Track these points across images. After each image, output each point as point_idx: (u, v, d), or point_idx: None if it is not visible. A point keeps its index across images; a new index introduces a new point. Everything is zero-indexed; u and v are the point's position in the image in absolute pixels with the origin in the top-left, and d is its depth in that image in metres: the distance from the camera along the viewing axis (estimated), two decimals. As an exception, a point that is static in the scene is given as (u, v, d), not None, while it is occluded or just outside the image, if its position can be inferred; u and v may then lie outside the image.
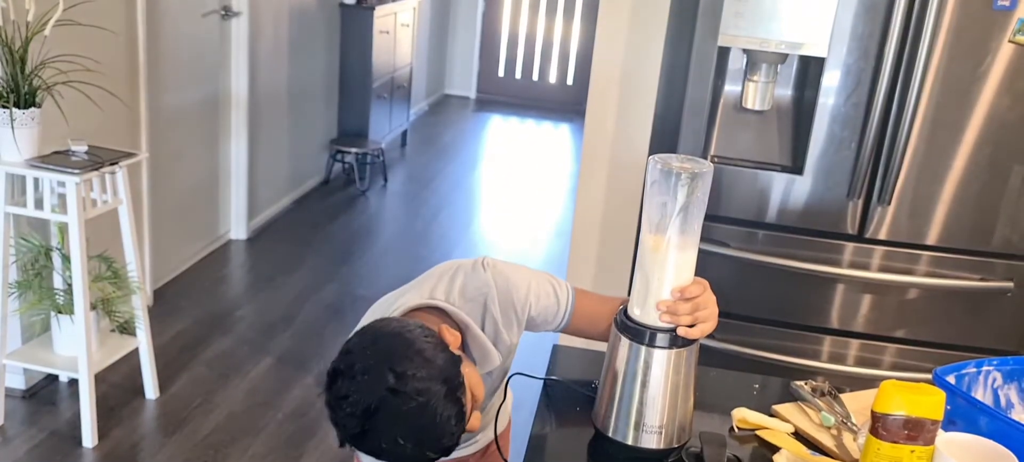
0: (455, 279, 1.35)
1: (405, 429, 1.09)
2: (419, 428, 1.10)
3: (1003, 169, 2.27)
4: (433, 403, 1.09)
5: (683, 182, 1.18)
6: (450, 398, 1.11)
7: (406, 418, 1.09)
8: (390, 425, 1.09)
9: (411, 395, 1.08)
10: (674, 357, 1.24)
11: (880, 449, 1.18)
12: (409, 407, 1.08)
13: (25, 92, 2.52)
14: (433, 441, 1.11)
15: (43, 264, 2.77)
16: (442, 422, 1.10)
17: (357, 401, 1.09)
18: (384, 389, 1.08)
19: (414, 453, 1.11)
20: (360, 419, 1.09)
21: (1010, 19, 2.16)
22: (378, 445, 1.11)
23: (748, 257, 2.36)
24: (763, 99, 2.32)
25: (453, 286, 1.34)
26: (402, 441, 1.10)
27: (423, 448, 1.11)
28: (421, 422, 1.09)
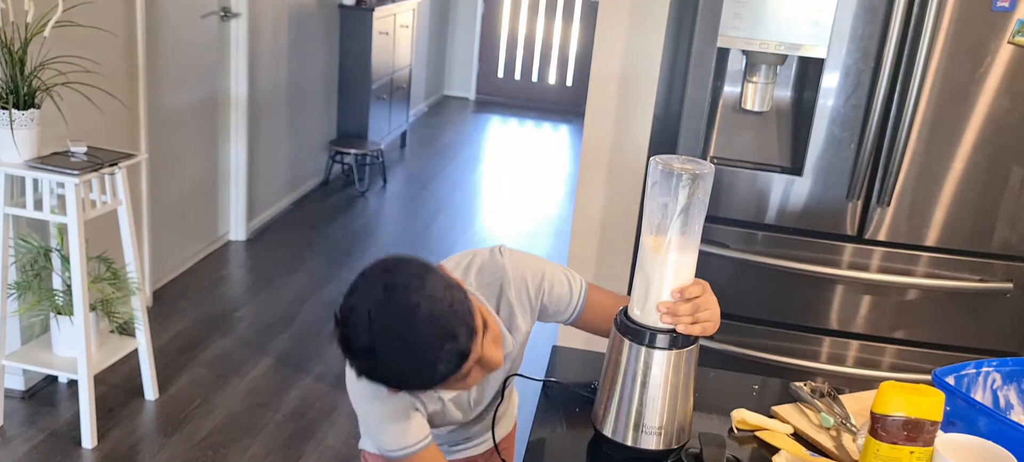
0: (472, 264, 1.38)
1: (415, 335, 1.13)
2: (430, 332, 1.13)
3: (1002, 170, 2.27)
4: (441, 306, 1.14)
5: (684, 183, 1.18)
6: (461, 309, 1.15)
7: (414, 319, 1.12)
8: (399, 329, 1.13)
9: (415, 289, 1.13)
10: (674, 358, 1.24)
11: (879, 450, 1.18)
12: (416, 303, 1.12)
13: (24, 93, 2.52)
14: (448, 344, 1.14)
15: (42, 265, 2.77)
16: (455, 323, 1.14)
17: (363, 304, 1.14)
18: (383, 289, 1.14)
19: (428, 361, 1.14)
20: (367, 327, 1.13)
21: (1009, 20, 2.16)
22: (392, 359, 1.14)
23: (747, 258, 2.36)
24: (762, 100, 2.32)
25: (470, 269, 1.38)
26: (414, 349, 1.13)
27: (437, 357, 1.14)
28: (431, 325, 1.13)
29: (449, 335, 1.14)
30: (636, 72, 2.77)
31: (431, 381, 1.18)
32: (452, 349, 1.15)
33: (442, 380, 1.18)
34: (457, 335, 1.15)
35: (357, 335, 1.15)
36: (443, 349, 1.14)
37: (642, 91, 2.77)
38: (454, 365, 1.16)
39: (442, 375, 1.17)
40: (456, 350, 1.16)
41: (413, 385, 1.22)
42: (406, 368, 1.16)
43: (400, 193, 5.64)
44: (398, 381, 1.20)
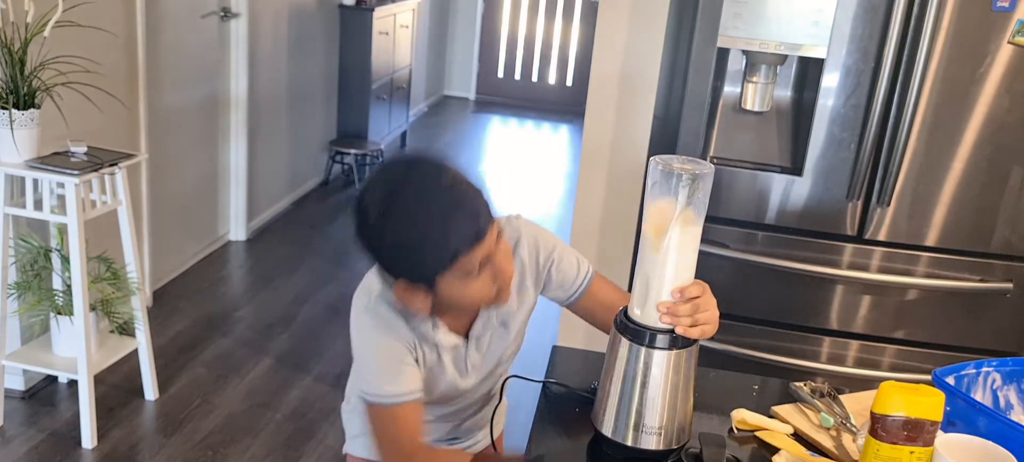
0: None
1: (433, 195, 1.17)
2: (449, 197, 1.17)
3: (1002, 170, 2.27)
4: (463, 182, 1.19)
5: (684, 183, 1.18)
6: (483, 195, 1.20)
7: (436, 182, 1.18)
8: (419, 187, 1.17)
9: (441, 163, 1.20)
10: (674, 358, 1.24)
11: (879, 450, 1.18)
12: (439, 170, 1.19)
13: (24, 93, 2.52)
14: (465, 215, 1.17)
15: (42, 265, 2.77)
16: (475, 198, 1.19)
17: (385, 170, 1.21)
18: (408, 159, 1.23)
19: (443, 227, 1.17)
20: (385, 183, 1.19)
21: (1009, 20, 2.16)
22: (406, 216, 1.17)
23: (747, 258, 2.37)
24: (762, 100, 2.33)
25: None
26: (430, 210, 1.16)
27: (452, 225, 1.17)
28: (452, 190, 1.18)
29: (468, 206, 1.17)
30: (636, 72, 2.77)
31: (443, 252, 1.18)
32: (469, 222, 1.17)
33: (453, 257, 1.18)
34: (476, 209, 1.18)
35: (374, 191, 1.19)
36: (460, 217, 1.16)
37: (642, 91, 2.77)
38: (468, 241, 1.17)
39: (454, 250, 1.17)
40: (473, 224, 1.17)
41: (422, 256, 1.20)
42: (419, 231, 1.17)
43: (400, 193, 5.63)
44: (408, 249, 1.19)
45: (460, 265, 1.20)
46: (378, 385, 1.31)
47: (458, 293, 1.25)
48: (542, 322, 3.28)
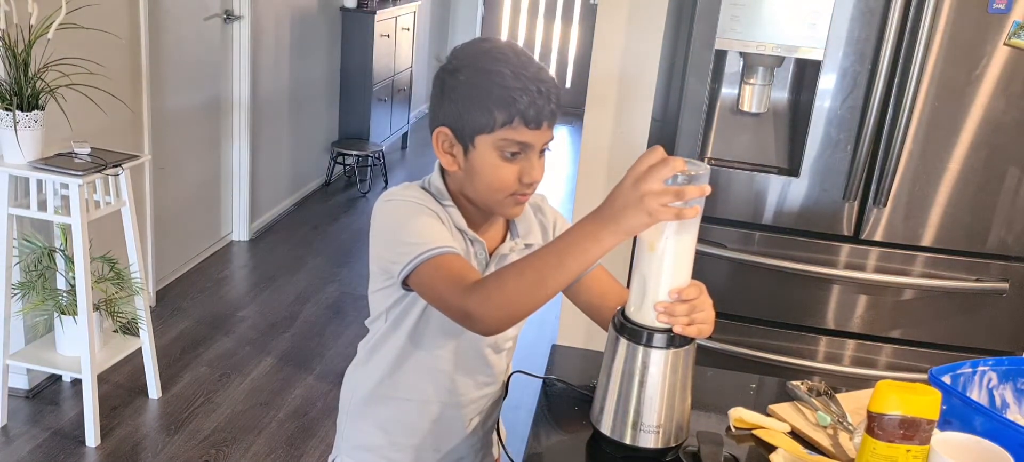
0: None
1: (518, 65, 1.26)
2: (528, 73, 1.26)
3: (998, 171, 2.28)
4: (546, 72, 1.29)
5: (681, 184, 1.19)
6: (558, 91, 1.30)
7: (525, 58, 1.28)
8: (511, 53, 1.27)
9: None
10: (671, 357, 1.25)
11: (876, 449, 1.18)
12: (525, 52, 1.30)
13: (28, 94, 2.54)
14: (535, 73, 1.26)
15: (46, 265, 2.78)
16: (549, 87, 1.27)
17: (486, 38, 1.35)
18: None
19: (511, 69, 1.25)
20: (484, 41, 1.31)
21: (1005, 22, 2.17)
22: (483, 52, 1.28)
23: (745, 258, 2.38)
24: (760, 102, 2.34)
25: None
26: (504, 53, 1.26)
27: (521, 74, 1.25)
28: (532, 70, 1.26)
29: (545, 91, 1.25)
30: (635, 74, 2.78)
31: (499, 111, 1.25)
32: (538, 102, 1.25)
33: (505, 121, 1.25)
34: (550, 101, 1.26)
35: (477, 39, 1.33)
36: (532, 94, 1.24)
37: (641, 92, 2.78)
38: (526, 117, 1.25)
39: (510, 115, 1.25)
40: (538, 108, 1.25)
41: (480, 106, 1.26)
42: (492, 81, 1.24)
43: (401, 194, 5.64)
44: (472, 93, 1.26)
45: (506, 135, 1.26)
46: (416, 241, 1.26)
47: (485, 166, 1.29)
48: (542, 321, 3.29)
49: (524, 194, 1.32)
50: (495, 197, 1.32)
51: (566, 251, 1.16)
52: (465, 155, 1.31)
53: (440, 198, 1.36)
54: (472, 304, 1.19)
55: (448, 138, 1.32)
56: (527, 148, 1.28)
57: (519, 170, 1.29)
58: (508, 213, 1.36)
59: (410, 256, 1.26)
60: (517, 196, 1.32)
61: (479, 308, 1.18)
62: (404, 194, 1.35)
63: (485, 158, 1.29)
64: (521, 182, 1.30)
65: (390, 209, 1.34)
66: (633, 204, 1.11)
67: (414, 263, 1.25)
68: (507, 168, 1.29)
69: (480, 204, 1.35)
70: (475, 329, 1.22)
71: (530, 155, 1.29)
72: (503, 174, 1.29)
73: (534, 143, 1.28)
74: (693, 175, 1.19)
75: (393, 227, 1.32)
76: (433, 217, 1.32)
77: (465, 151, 1.30)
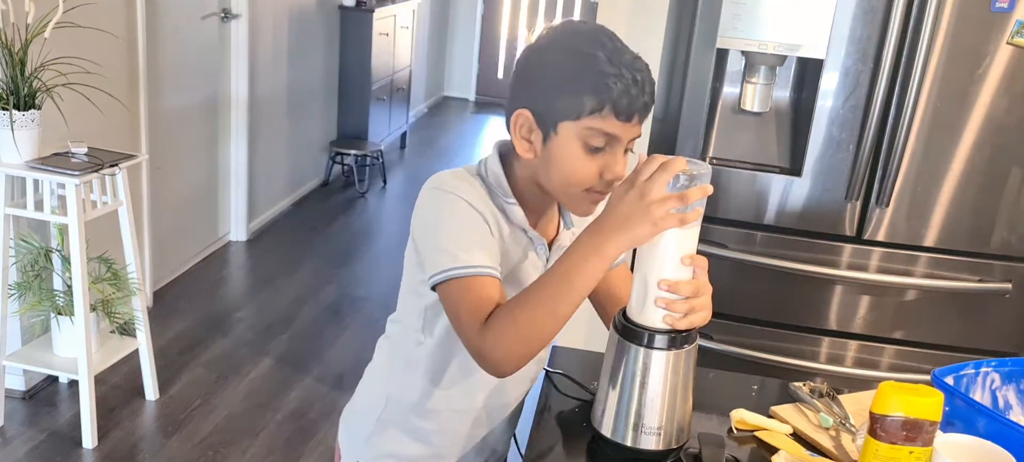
0: None
1: (615, 51, 1.17)
2: (625, 61, 1.17)
3: (1001, 171, 2.27)
4: (643, 63, 1.19)
5: (682, 184, 1.18)
6: (652, 85, 1.20)
7: (622, 47, 1.18)
8: (608, 38, 1.18)
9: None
10: (673, 358, 1.24)
11: (878, 450, 1.18)
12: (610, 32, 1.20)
13: (25, 94, 2.53)
14: (634, 79, 1.16)
15: (43, 265, 2.77)
16: (646, 78, 1.18)
17: (581, 21, 1.25)
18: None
19: (606, 50, 1.16)
20: (577, 23, 1.22)
21: (1008, 21, 2.16)
22: (585, 47, 1.17)
23: (746, 258, 2.37)
24: (762, 101, 2.33)
25: None
26: (607, 58, 1.16)
27: (616, 78, 1.15)
28: (629, 59, 1.17)
29: (641, 82, 1.16)
30: (636, 73, 2.77)
31: (591, 96, 1.15)
32: (632, 94, 1.16)
33: (596, 109, 1.16)
34: (644, 92, 1.17)
35: (567, 22, 1.23)
36: (628, 82, 1.15)
37: (642, 92, 2.77)
38: (618, 107, 1.15)
39: (601, 102, 1.15)
40: (633, 99, 1.16)
41: (569, 88, 1.17)
42: (585, 64, 1.15)
43: (400, 194, 5.64)
44: (562, 74, 1.17)
45: (593, 124, 1.16)
46: (453, 251, 1.18)
47: (566, 156, 1.19)
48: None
49: (602, 192, 1.22)
50: (570, 191, 1.23)
51: (573, 271, 1.13)
52: (544, 142, 1.21)
53: (501, 193, 1.26)
54: (487, 344, 1.13)
55: (528, 122, 1.21)
56: (613, 142, 1.19)
57: (601, 165, 1.20)
58: (580, 211, 1.27)
59: (444, 267, 1.18)
60: (593, 194, 1.23)
61: (494, 350, 1.13)
62: (455, 184, 1.23)
63: (567, 147, 1.19)
64: (602, 178, 1.21)
65: (436, 200, 1.23)
66: (638, 214, 1.10)
67: (444, 276, 1.18)
68: (589, 161, 1.19)
69: (551, 195, 1.27)
70: (488, 370, 1.15)
71: (615, 150, 1.20)
72: (584, 167, 1.20)
73: (622, 137, 1.19)
74: (694, 175, 1.18)
75: (435, 223, 1.22)
76: (479, 221, 1.21)
77: (545, 138, 1.20)
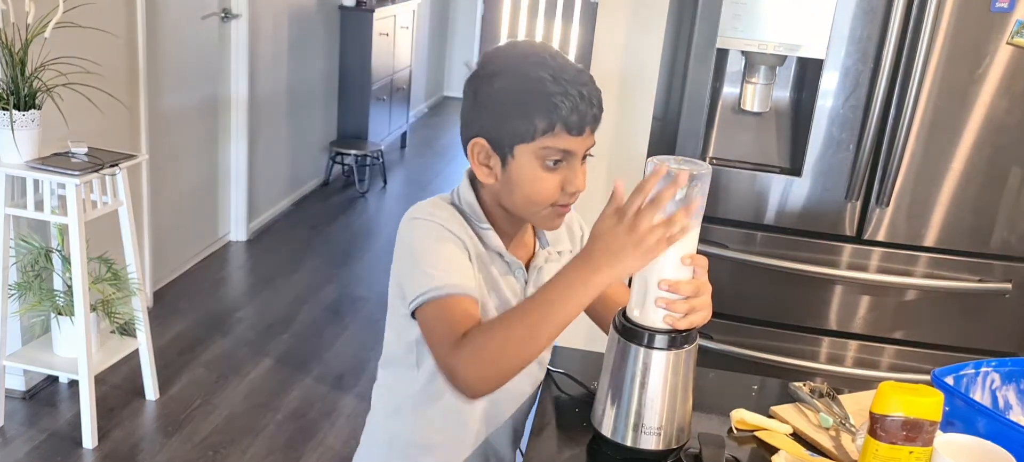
0: None
1: (557, 69, 1.20)
2: (562, 60, 1.21)
3: (1001, 171, 2.27)
4: (586, 74, 1.23)
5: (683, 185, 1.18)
6: (598, 93, 1.23)
7: (563, 62, 1.21)
8: (549, 56, 1.21)
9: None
10: (673, 358, 1.24)
11: (878, 450, 1.18)
12: (558, 54, 1.23)
13: (25, 94, 2.53)
14: (572, 77, 1.19)
15: (43, 265, 2.77)
16: (590, 89, 1.21)
17: (516, 42, 1.29)
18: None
19: (549, 71, 1.19)
20: (515, 46, 1.25)
21: (1008, 21, 2.16)
22: (517, 56, 1.22)
23: (746, 258, 2.37)
24: (762, 101, 2.33)
25: None
26: (542, 57, 1.20)
27: (557, 76, 1.19)
28: (571, 72, 1.20)
29: (586, 93, 1.19)
30: (635, 72, 2.77)
31: (540, 118, 1.18)
32: (580, 106, 1.18)
33: (546, 129, 1.19)
34: (591, 104, 1.20)
35: (506, 45, 1.26)
36: (574, 97, 1.18)
37: (641, 92, 2.78)
38: (568, 123, 1.18)
39: (551, 122, 1.18)
40: (581, 112, 1.18)
41: (519, 113, 1.20)
42: (531, 87, 1.18)
43: (400, 194, 5.64)
44: (510, 100, 1.20)
45: (547, 143, 1.20)
46: (428, 276, 1.20)
47: (525, 178, 1.23)
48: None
49: (566, 205, 1.26)
50: (535, 209, 1.26)
51: (557, 301, 1.13)
52: (503, 167, 1.24)
53: (475, 219, 1.30)
54: (460, 362, 1.13)
55: (484, 149, 1.25)
56: (569, 156, 1.22)
57: (561, 179, 1.24)
58: (548, 225, 1.31)
59: (425, 287, 1.20)
60: (558, 208, 1.26)
61: (466, 369, 1.12)
62: (431, 212, 1.28)
63: (525, 169, 1.23)
64: (564, 192, 1.24)
65: (415, 229, 1.27)
66: (628, 248, 1.12)
67: (423, 298, 1.19)
68: (549, 178, 1.23)
69: (518, 216, 1.30)
70: (458, 388, 1.14)
71: (573, 163, 1.24)
72: (544, 185, 1.23)
73: (576, 150, 1.22)
74: (695, 175, 1.18)
75: (416, 249, 1.25)
76: (458, 246, 1.25)
77: (503, 162, 1.24)
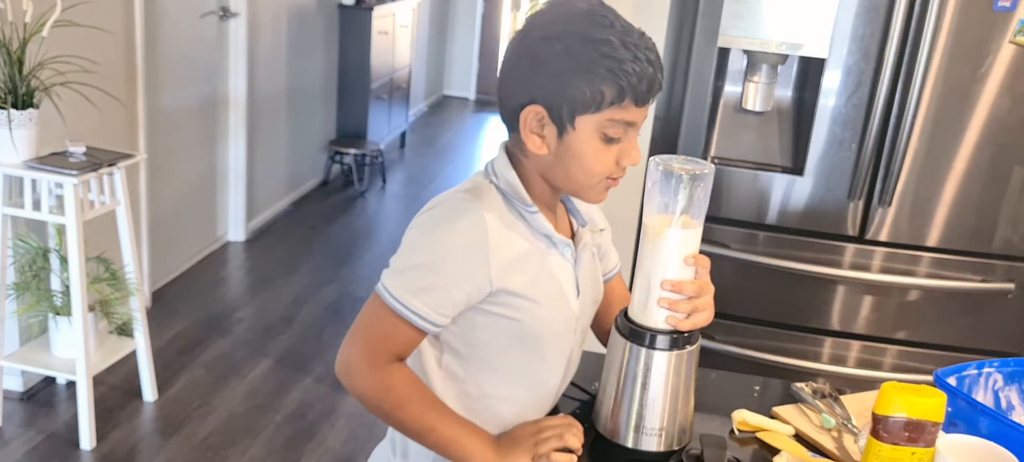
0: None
1: (625, 33, 1.12)
2: (637, 42, 1.12)
3: (1004, 170, 2.27)
4: (650, 42, 1.15)
5: (684, 184, 1.18)
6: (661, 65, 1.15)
7: (629, 26, 1.14)
8: (614, 18, 1.13)
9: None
10: (674, 359, 1.23)
11: (881, 451, 1.18)
12: (611, 10, 1.15)
13: (23, 93, 2.52)
14: (648, 61, 1.11)
15: (41, 266, 2.76)
16: (656, 60, 1.13)
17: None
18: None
19: (625, 56, 1.10)
20: (573, 4, 1.14)
21: (1011, 20, 2.16)
22: (594, 33, 1.11)
23: (749, 258, 2.36)
24: (763, 100, 2.32)
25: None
26: (620, 40, 1.10)
27: (631, 62, 1.10)
28: (640, 39, 1.13)
29: (655, 64, 1.12)
30: (636, 72, 2.76)
31: (608, 86, 1.09)
32: (649, 76, 1.10)
33: (615, 99, 1.10)
34: (657, 74, 1.12)
35: (562, 2, 1.15)
36: (643, 65, 1.10)
37: (642, 91, 2.77)
38: (636, 93, 1.10)
39: (620, 90, 1.09)
40: (649, 83, 1.11)
41: (585, 79, 1.10)
42: (598, 51, 1.09)
43: (400, 193, 5.64)
44: (575, 65, 1.10)
45: (614, 115, 1.12)
46: (406, 283, 1.14)
47: (585, 151, 1.14)
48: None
49: (617, 178, 1.19)
50: (588, 182, 1.18)
51: (449, 445, 1.19)
52: (558, 137, 1.14)
53: (519, 201, 1.19)
54: (360, 382, 1.18)
55: (540, 117, 1.14)
56: (630, 129, 1.15)
57: (618, 153, 1.16)
58: (595, 199, 1.21)
59: (395, 287, 1.14)
60: (609, 181, 1.19)
61: (357, 382, 1.18)
62: (463, 206, 1.16)
63: (586, 141, 1.13)
64: (618, 165, 1.17)
65: (428, 224, 1.17)
66: (522, 449, 1.20)
67: (381, 292, 1.15)
68: (607, 151, 1.15)
69: (565, 190, 1.22)
70: (342, 378, 1.20)
71: (631, 135, 1.16)
72: (603, 158, 1.15)
73: (638, 122, 1.15)
74: (698, 175, 1.18)
75: (416, 244, 1.17)
76: (461, 263, 1.14)
77: (559, 133, 1.14)
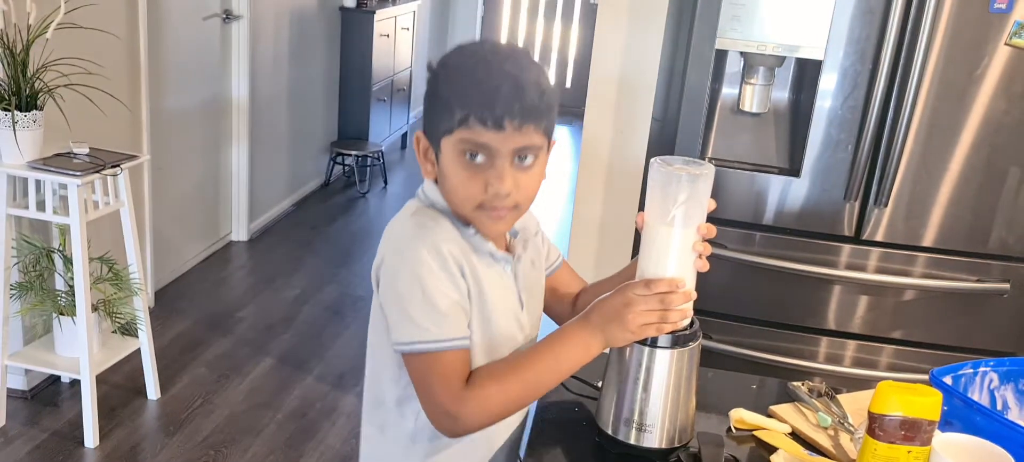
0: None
1: (483, 61, 1.15)
2: (492, 69, 1.13)
3: (999, 171, 2.28)
4: (524, 64, 1.15)
5: (684, 184, 1.19)
6: (543, 91, 1.15)
7: (490, 54, 1.16)
8: (477, 51, 1.17)
9: (516, 46, 1.21)
10: (675, 358, 1.25)
11: (877, 450, 1.18)
12: (505, 46, 1.19)
13: (27, 94, 2.53)
14: (502, 85, 1.12)
15: (45, 266, 2.78)
16: (518, 83, 1.12)
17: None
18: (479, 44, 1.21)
19: (501, 62, 1.14)
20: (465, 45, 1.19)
21: (1006, 22, 2.17)
22: (459, 66, 1.16)
23: (745, 259, 2.37)
24: (760, 102, 2.33)
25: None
26: (474, 69, 1.14)
27: (509, 68, 1.13)
28: (498, 64, 1.14)
29: (513, 87, 1.11)
30: (635, 74, 2.78)
31: (457, 109, 1.12)
32: (499, 100, 1.11)
33: (460, 121, 1.12)
34: (518, 100, 1.11)
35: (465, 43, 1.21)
36: (493, 89, 1.11)
37: (641, 93, 2.78)
38: (482, 115, 1.11)
39: (464, 114, 1.12)
40: (499, 106, 1.11)
41: (443, 106, 1.15)
42: (456, 81, 1.14)
43: (401, 194, 5.64)
44: (438, 94, 1.15)
45: (462, 136, 1.13)
46: (423, 324, 1.15)
47: (450, 173, 1.17)
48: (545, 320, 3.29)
49: (494, 207, 1.16)
50: (466, 208, 1.18)
51: (562, 357, 1.19)
52: (437, 160, 1.20)
53: (459, 224, 1.21)
54: (468, 409, 1.15)
55: (423, 142, 1.22)
56: (490, 153, 1.13)
57: (484, 179, 1.15)
58: (487, 229, 1.21)
59: (414, 338, 1.15)
60: (487, 210, 1.17)
61: (474, 415, 1.16)
62: (419, 234, 1.17)
63: (449, 164, 1.16)
64: (487, 192, 1.15)
65: (398, 266, 1.17)
66: (617, 322, 1.18)
67: (414, 349, 1.16)
68: (471, 175, 1.15)
69: (460, 217, 1.22)
70: (453, 432, 1.17)
71: (494, 161, 1.14)
72: (467, 182, 1.15)
73: (496, 147, 1.13)
74: (697, 175, 1.19)
75: (401, 292, 1.16)
76: (444, 277, 1.16)
77: (437, 156, 1.19)
